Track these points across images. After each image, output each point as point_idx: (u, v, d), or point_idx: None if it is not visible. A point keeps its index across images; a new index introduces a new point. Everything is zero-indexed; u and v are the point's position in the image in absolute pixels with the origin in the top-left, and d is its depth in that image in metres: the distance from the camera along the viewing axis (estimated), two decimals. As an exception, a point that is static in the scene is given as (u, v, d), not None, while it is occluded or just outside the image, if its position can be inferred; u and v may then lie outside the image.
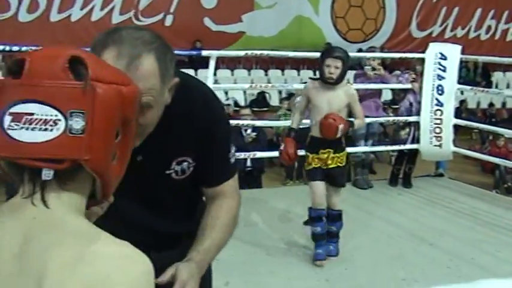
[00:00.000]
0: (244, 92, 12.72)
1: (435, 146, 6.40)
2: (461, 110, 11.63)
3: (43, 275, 0.86)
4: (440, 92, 6.23)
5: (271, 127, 8.95)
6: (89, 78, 0.93)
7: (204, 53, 5.84)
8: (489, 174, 9.73)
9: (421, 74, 6.44)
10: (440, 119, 6.28)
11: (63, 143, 0.91)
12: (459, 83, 6.65)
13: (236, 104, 11.88)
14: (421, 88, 6.40)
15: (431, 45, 6.56)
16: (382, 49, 12.82)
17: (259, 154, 6.49)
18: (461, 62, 6.72)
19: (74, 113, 0.91)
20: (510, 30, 17.28)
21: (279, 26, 14.57)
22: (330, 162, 4.18)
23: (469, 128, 8.88)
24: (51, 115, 0.91)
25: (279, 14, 14.45)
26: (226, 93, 12.11)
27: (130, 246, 0.92)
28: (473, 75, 15.10)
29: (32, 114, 0.90)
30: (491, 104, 13.79)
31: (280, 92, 12.85)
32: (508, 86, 15.64)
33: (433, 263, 4.31)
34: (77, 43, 10.83)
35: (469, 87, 7.56)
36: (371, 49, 7.63)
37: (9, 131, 0.91)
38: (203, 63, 12.17)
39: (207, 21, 13.85)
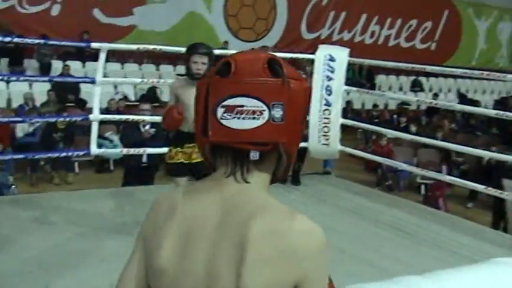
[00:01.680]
0: (135, 87, 12.47)
1: (323, 144, 6.56)
2: (347, 110, 12.05)
3: (245, 241, 1.06)
4: (328, 92, 6.40)
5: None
6: (286, 76, 1.13)
7: (94, 45, 5.60)
8: (372, 173, 10.17)
9: (311, 74, 6.58)
10: (328, 118, 6.44)
11: (268, 129, 1.12)
12: (346, 84, 6.87)
13: (126, 98, 11.62)
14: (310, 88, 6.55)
15: (321, 47, 6.73)
16: (274, 49, 13.00)
17: (155, 150, 6.32)
18: (348, 64, 6.94)
19: (276, 104, 1.12)
20: (392, 36, 18.18)
21: (172, 21, 14.45)
22: (194, 156, 4.15)
23: (354, 128, 9.21)
24: (258, 106, 1.11)
25: (171, 9, 14.33)
26: (115, 87, 11.81)
27: (310, 220, 1.12)
28: (359, 77, 15.73)
29: (243, 106, 1.11)
30: (375, 105, 14.41)
31: (171, 88, 12.70)
32: (390, 88, 16.45)
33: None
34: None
35: (355, 89, 7.84)
36: (263, 48, 7.70)
37: (221, 120, 1.12)
38: (91, 55, 11.86)
39: (97, 13, 13.46)
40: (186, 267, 1.11)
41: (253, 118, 1.11)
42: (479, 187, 5.41)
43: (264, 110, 1.11)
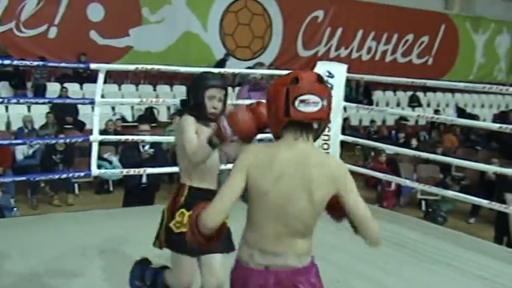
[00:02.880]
0: (132, 108, 12.47)
1: (323, 161, 6.52)
2: (344, 127, 12.05)
3: (310, 171, 2.02)
4: (328, 109, 6.38)
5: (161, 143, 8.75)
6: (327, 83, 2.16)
7: (93, 66, 5.58)
8: (372, 189, 10.12)
9: (310, 91, 6.56)
10: (328, 135, 6.42)
11: (321, 112, 2.01)
12: (344, 101, 6.85)
13: (123, 119, 11.61)
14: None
15: (319, 64, 6.71)
16: (270, 67, 13.04)
17: (155, 170, 6.29)
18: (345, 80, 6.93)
19: (324, 98, 2.01)
20: (389, 51, 18.23)
21: (167, 41, 14.49)
22: None
23: (352, 144, 9.20)
24: (317, 99, 2.00)
25: (167, 29, 14.38)
26: (113, 108, 11.81)
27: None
28: (356, 93, 15.75)
29: (309, 99, 1.99)
30: (372, 121, 14.41)
31: (168, 108, 12.74)
32: (387, 104, 16.46)
33: (323, 277, 4.36)
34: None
35: (354, 105, 7.83)
36: (259, 64, 7.67)
37: (298, 107, 1.98)
38: (88, 77, 11.88)
39: (93, 35, 13.50)
40: (280, 190, 2.02)
41: (315, 106, 1.99)
42: (483, 202, 5.37)
43: (319, 102, 2.00)
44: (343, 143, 6.64)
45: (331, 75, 6.41)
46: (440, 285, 4.30)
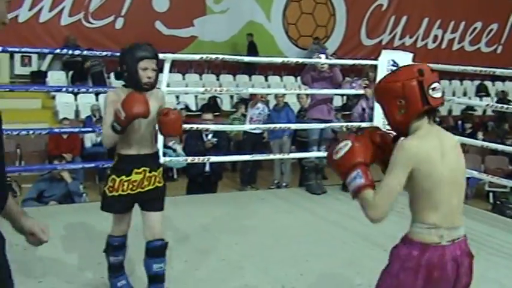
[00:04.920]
0: (196, 97, 12.62)
1: (387, 152, 6.43)
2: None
3: (456, 146, 2.30)
4: (392, 98, 6.28)
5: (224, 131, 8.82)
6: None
7: (159, 56, 5.71)
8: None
9: (374, 80, 6.49)
10: (392, 125, 6.32)
11: (443, 96, 2.25)
12: (409, 90, 6.73)
13: (187, 108, 11.76)
14: (373, 94, 6.44)
15: (384, 53, 6.63)
16: (333, 56, 12.93)
17: (219, 158, 6.40)
18: (411, 69, 6.80)
19: (439, 83, 2.26)
20: (456, 40, 17.75)
21: (231, 31, 14.58)
22: (146, 183, 3.32)
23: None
24: (439, 86, 2.21)
25: (231, 19, 14.47)
26: (177, 97, 11.99)
27: None
28: (421, 83, 15.41)
29: (437, 87, 2.19)
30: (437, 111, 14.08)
31: (231, 97, 12.84)
32: (453, 94, 16.04)
33: (380, 266, 4.31)
34: (23, 43, 10.53)
35: (419, 95, 7.66)
36: (317, 41, 7.58)
37: (433, 95, 2.17)
38: (154, 66, 12.08)
39: (159, 25, 13.74)
40: (450, 169, 2.21)
41: (440, 91, 2.20)
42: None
43: (440, 87, 2.21)
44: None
45: (395, 65, 6.31)
46: (508, 280, 4.18)
